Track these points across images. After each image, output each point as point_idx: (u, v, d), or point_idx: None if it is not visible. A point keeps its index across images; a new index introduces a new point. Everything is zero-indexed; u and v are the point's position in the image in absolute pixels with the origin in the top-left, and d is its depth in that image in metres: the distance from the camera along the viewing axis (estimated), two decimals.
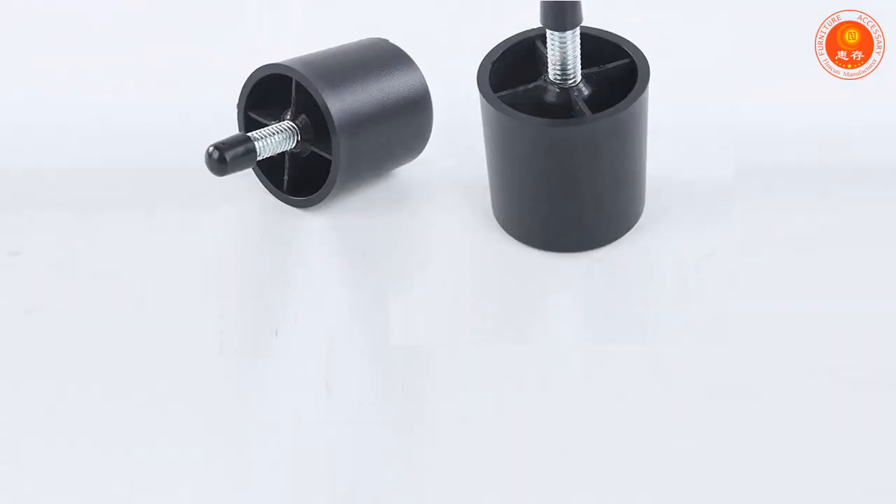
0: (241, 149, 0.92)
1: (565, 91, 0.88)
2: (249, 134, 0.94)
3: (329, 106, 0.92)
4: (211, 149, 0.92)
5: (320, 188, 0.95)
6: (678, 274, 0.87)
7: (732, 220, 0.91)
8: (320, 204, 0.96)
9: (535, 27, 0.91)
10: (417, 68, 0.98)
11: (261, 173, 0.98)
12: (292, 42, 1.05)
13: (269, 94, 0.97)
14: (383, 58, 0.98)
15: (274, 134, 0.95)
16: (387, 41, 1.01)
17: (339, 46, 1.00)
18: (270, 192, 0.98)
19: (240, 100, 0.98)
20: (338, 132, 0.92)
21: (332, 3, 1.16)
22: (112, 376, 0.82)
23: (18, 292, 0.88)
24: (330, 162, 0.94)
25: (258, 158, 0.94)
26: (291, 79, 0.95)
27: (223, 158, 0.91)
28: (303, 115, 0.96)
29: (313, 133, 0.96)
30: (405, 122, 0.97)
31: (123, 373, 0.82)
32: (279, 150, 0.95)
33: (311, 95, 0.94)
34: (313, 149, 0.96)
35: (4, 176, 1.00)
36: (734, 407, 0.78)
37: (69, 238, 0.93)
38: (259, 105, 0.97)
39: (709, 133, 1.01)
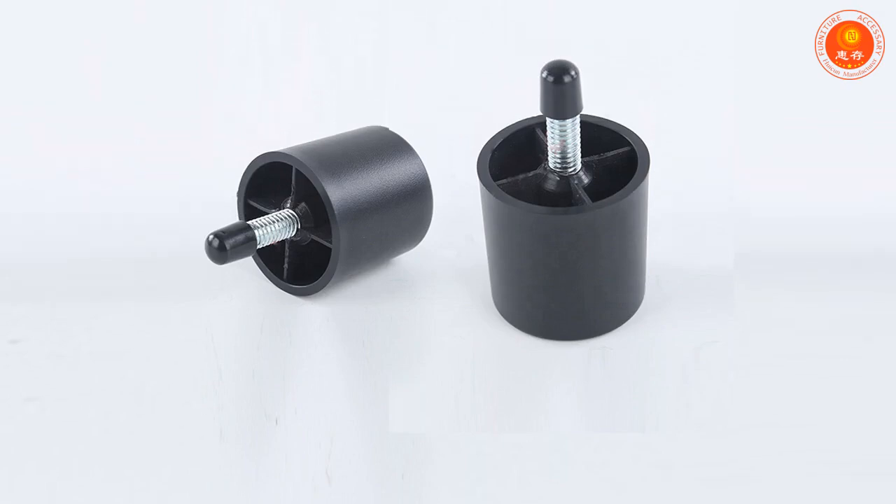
0: (241, 237, 0.92)
1: (565, 179, 0.88)
2: (249, 222, 0.93)
3: (329, 194, 0.92)
4: (211, 237, 0.91)
5: (320, 276, 0.95)
6: (678, 363, 0.87)
7: (733, 308, 0.91)
8: (320, 292, 0.96)
9: (534, 115, 0.91)
10: (418, 156, 0.98)
11: (261, 261, 0.98)
12: (292, 130, 1.07)
13: (269, 182, 0.97)
14: (384, 146, 0.98)
15: (274, 222, 0.94)
16: (387, 129, 1.01)
17: (340, 135, 1.00)
18: (270, 280, 0.98)
19: (240, 188, 0.97)
20: (338, 221, 0.92)
21: (332, 91, 1.17)
22: (112, 464, 0.81)
23: (18, 381, 0.88)
24: (330, 250, 0.94)
25: (258, 247, 0.94)
26: (291, 167, 0.95)
27: (223, 246, 0.91)
28: (303, 204, 0.96)
29: (313, 221, 0.96)
30: (406, 210, 0.97)
31: (124, 460, 0.81)
32: (279, 239, 0.95)
33: (311, 184, 0.94)
34: (313, 237, 0.96)
35: (3, 265, 1.00)
36: (735, 498, 0.78)
37: (69, 327, 0.93)
38: (259, 193, 0.97)
39: (708, 220, 1.01)
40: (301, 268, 0.98)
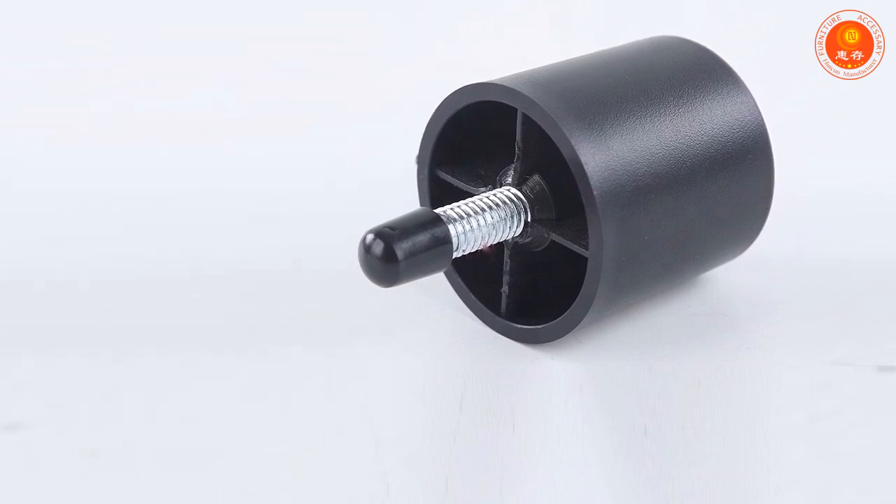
0: (423, 237, 0.63)
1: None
2: (439, 210, 0.65)
3: (583, 158, 0.64)
4: (370, 238, 0.62)
5: (566, 311, 0.70)
6: None
7: None
8: (565, 339, 0.73)
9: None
10: (746, 90, 0.74)
11: (460, 283, 0.72)
12: (507, 50, 0.93)
13: (471, 139, 0.70)
14: (682, 71, 0.72)
15: (483, 211, 0.66)
16: (684, 41, 0.76)
17: (597, 54, 0.74)
18: (477, 316, 0.73)
19: (421, 150, 0.68)
20: (600, 206, 0.65)
21: None
22: None
23: None
24: (584, 262, 0.68)
25: (455, 255, 0.66)
26: (515, 111, 0.68)
27: (392, 254, 0.61)
28: (535, 178, 0.68)
29: (553, 210, 0.69)
30: (725, 189, 0.70)
31: None
32: (493, 241, 0.68)
33: (550, 141, 0.66)
34: (554, 237, 0.69)
35: None
36: None
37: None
38: (455, 159, 0.69)
39: None
40: (531, 296, 0.73)
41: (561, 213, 0.72)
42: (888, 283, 0.92)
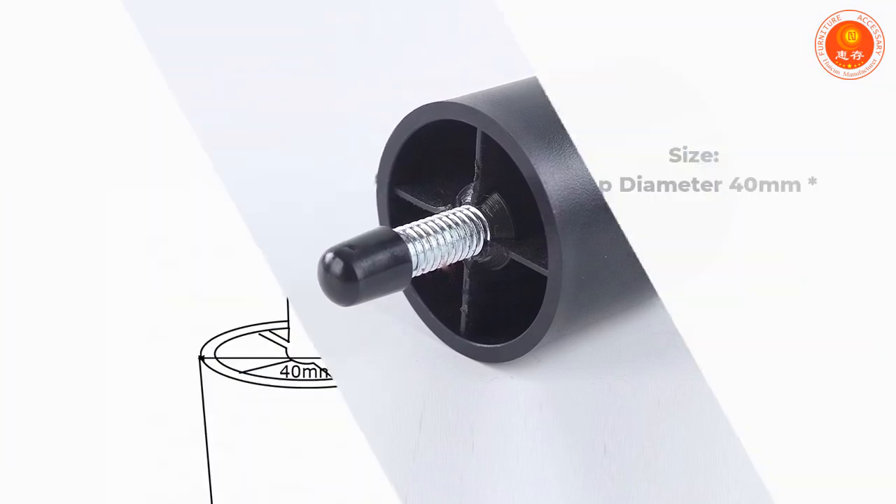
0: (383, 256, 0.63)
1: None
2: (398, 229, 0.65)
3: (542, 177, 0.64)
4: (330, 256, 0.62)
5: (526, 329, 0.71)
6: None
7: None
8: (524, 358, 0.74)
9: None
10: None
11: (419, 301, 0.72)
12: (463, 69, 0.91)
13: (430, 159, 0.70)
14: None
15: (442, 230, 0.67)
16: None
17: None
18: (436, 334, 0.73)
19: (380, 169, 0.69)
20: (560, 226, 0.65)
21: None
22: None
23: None
24: (543, 280, 0.68)
25: (415, 274, 0.66)
26: (474, 130, 0.68)
27: (351, 273, 0.61)
28: (494, 196, 0.69)
29: (513, 229, 0.70)
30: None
31: None
32: (452, 260, 0.68)
33: (509, 159, 0.66)
34: (513, 256, 0.69)
35: None
36: None
37: None
38: (414, 178, 0.69)
39: None
40: (490, 315, 0.73)
41: (520, 231, 0.72)
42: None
